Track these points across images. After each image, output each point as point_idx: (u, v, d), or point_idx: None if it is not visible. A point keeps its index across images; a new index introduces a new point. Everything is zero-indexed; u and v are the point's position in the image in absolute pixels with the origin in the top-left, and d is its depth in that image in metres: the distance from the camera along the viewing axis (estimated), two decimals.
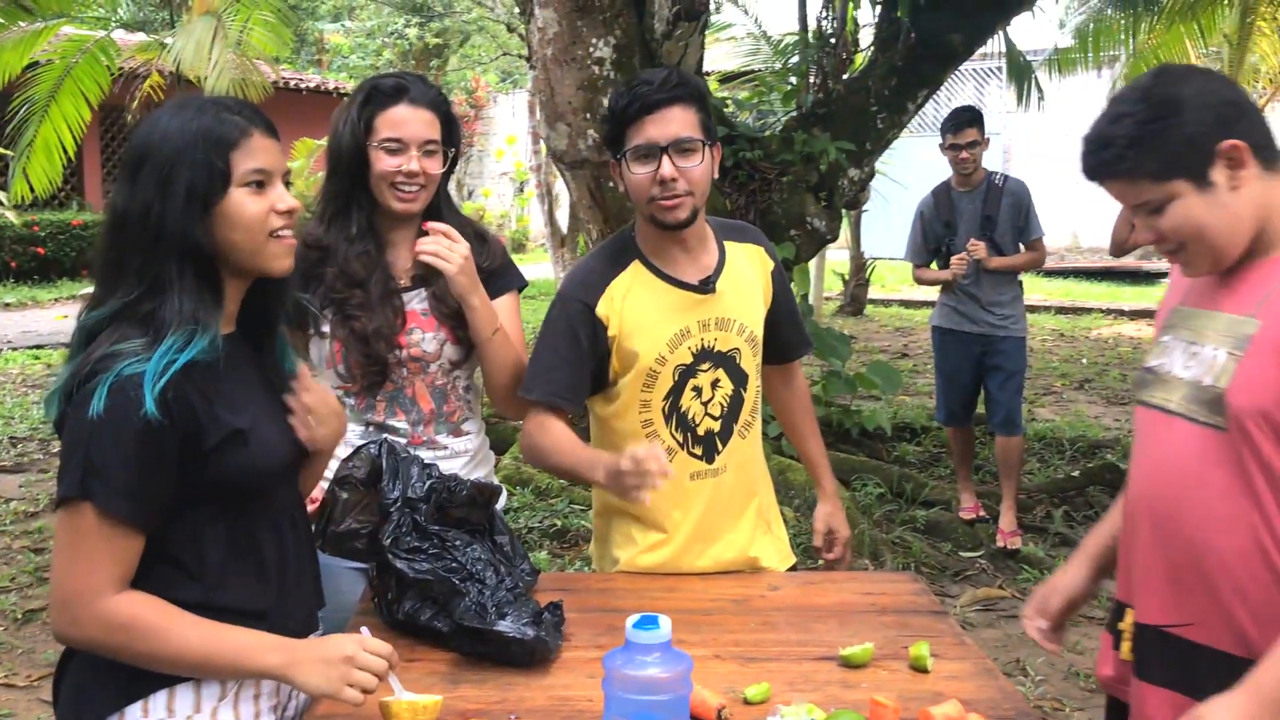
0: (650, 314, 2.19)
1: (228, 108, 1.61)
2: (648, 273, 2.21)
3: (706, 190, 2.15)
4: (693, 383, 2.23)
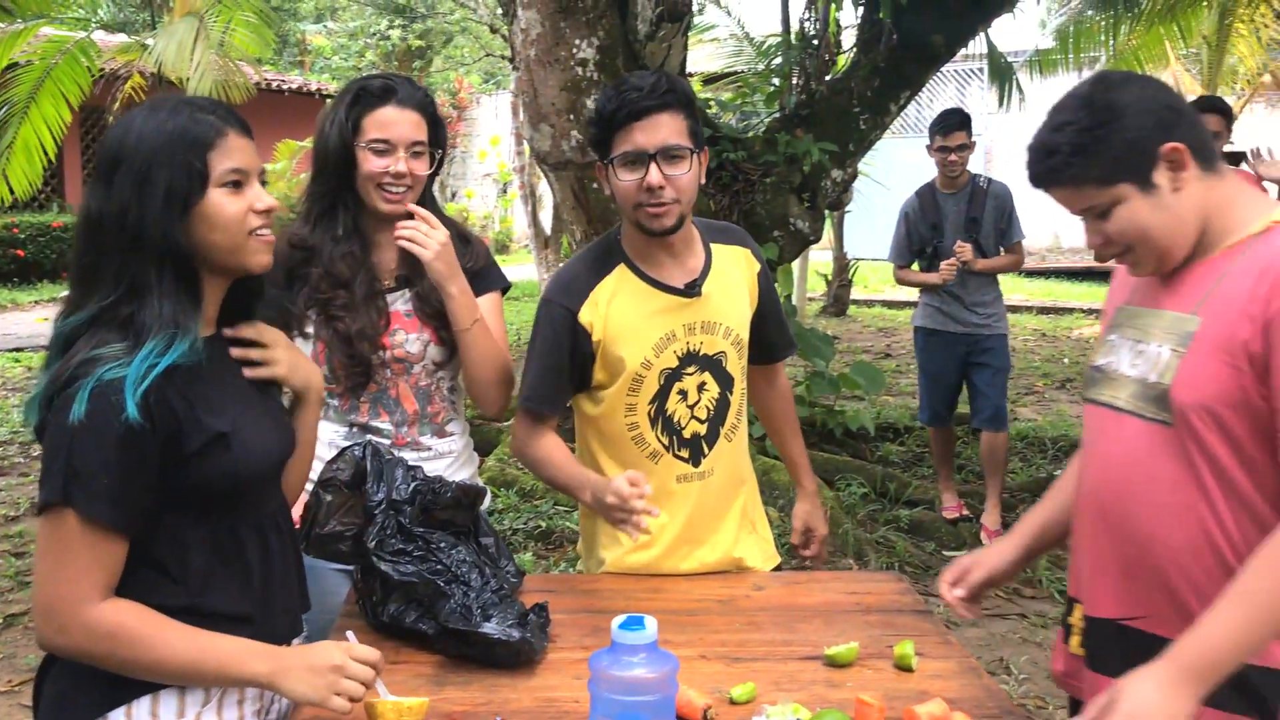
0: (635, 318, 2.19)
1: (202, 108, 1.60)
2: (633, 276, 2.21)
3: (693, 197, 2.15)
4: (679, 386, 2.23)
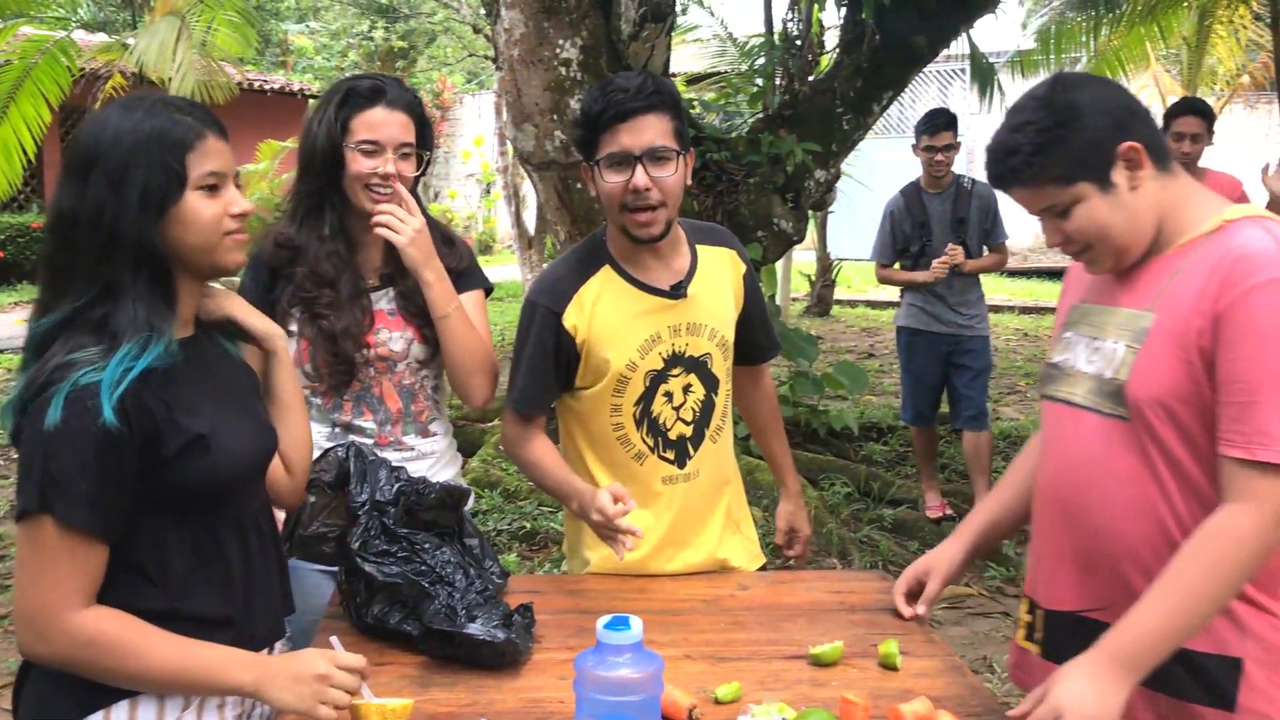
0: (620, 320, 2.18)
1: (180, 109, 1.59)
2: (618, 278, 2.20)
3: (679, 199, 2.14)
4: (664, 388, 2.22)
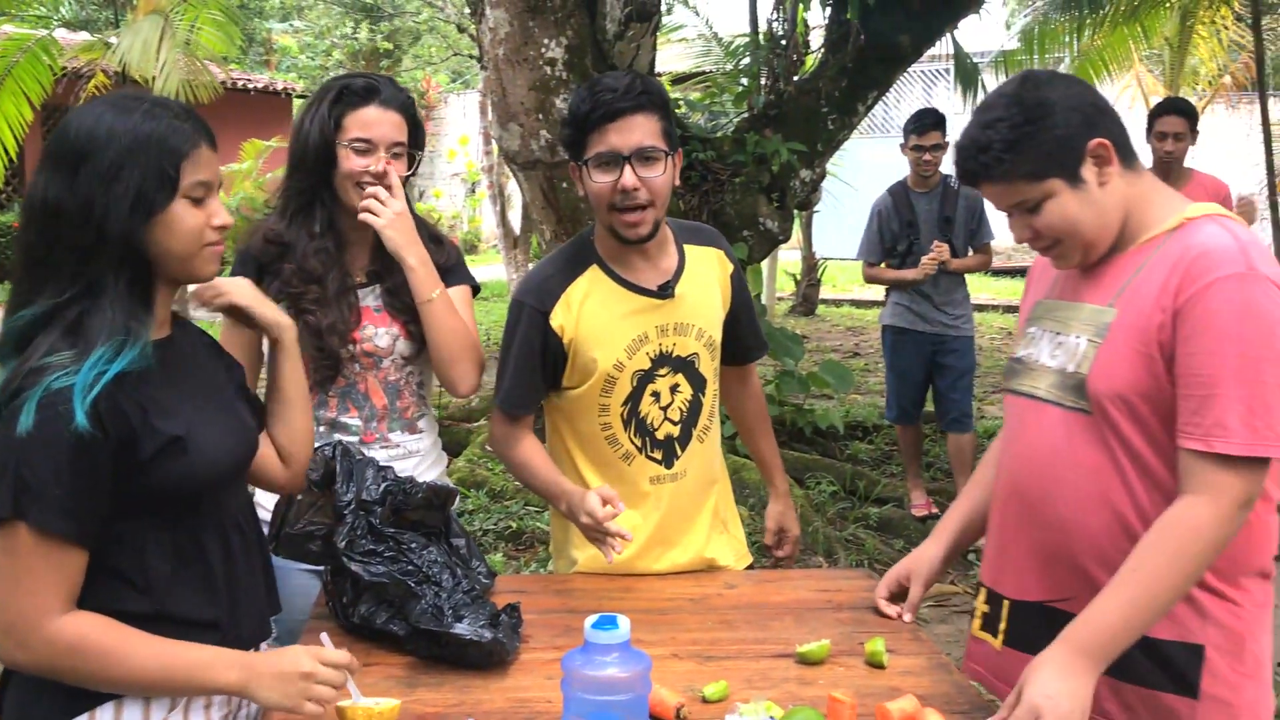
0: (608, 320, 2.18)
1: (177, 114, 1.58)
2: (606, 277, 2.20)
3: (667, 199, 2.14)
4: (651, 388, 2.22)
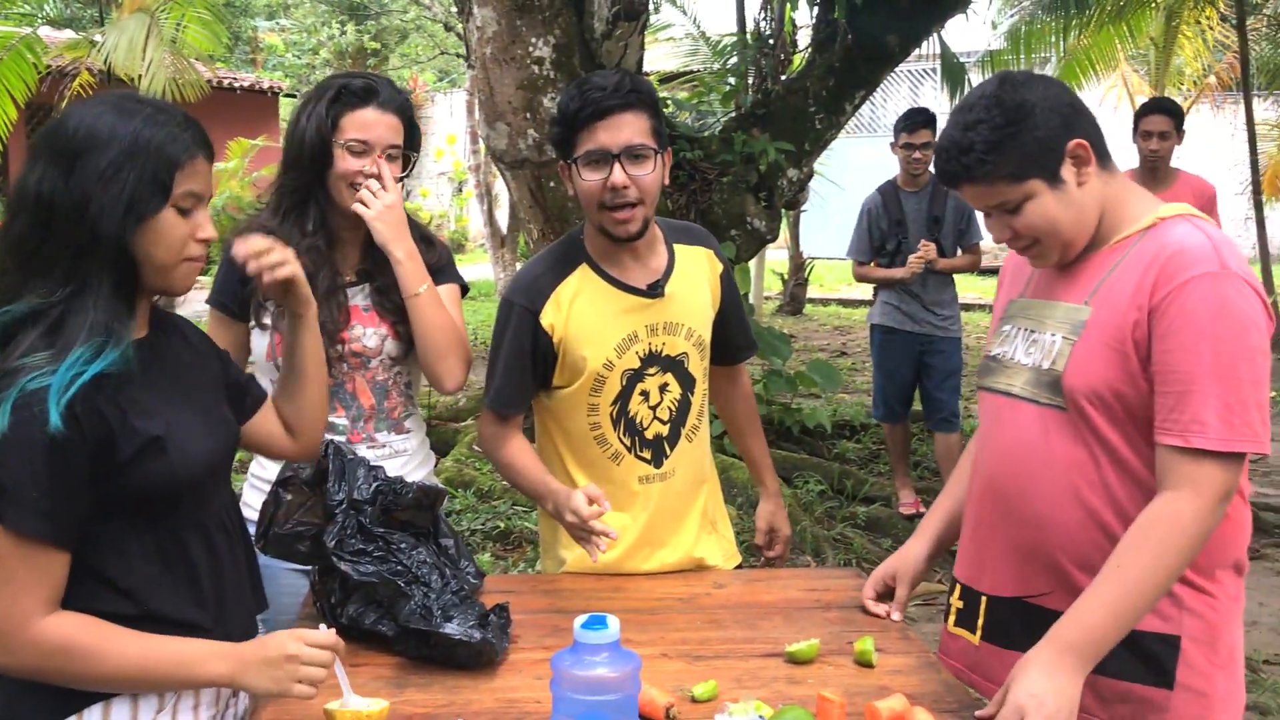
0: (598, 318, 2.18)
1: (178, 123, 1.57)
2: (595, 276, 2.20)
3: (657, 198, 2.14)
4: (640, 387, 2.22)
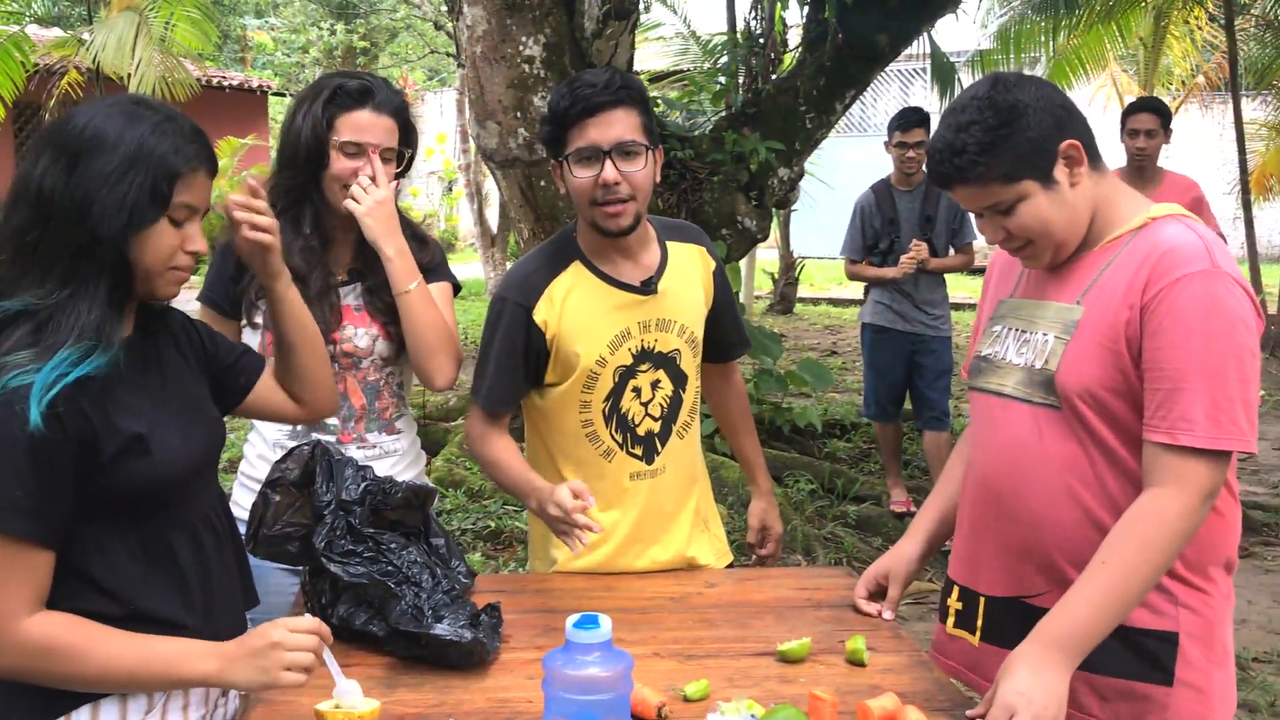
0: (590, 315, 2.18)
1: (186, 136, 1.56)
2: (588, 273, 2.20)
3: (649, 194, 2.14)
4: (633, 384, 2.22)
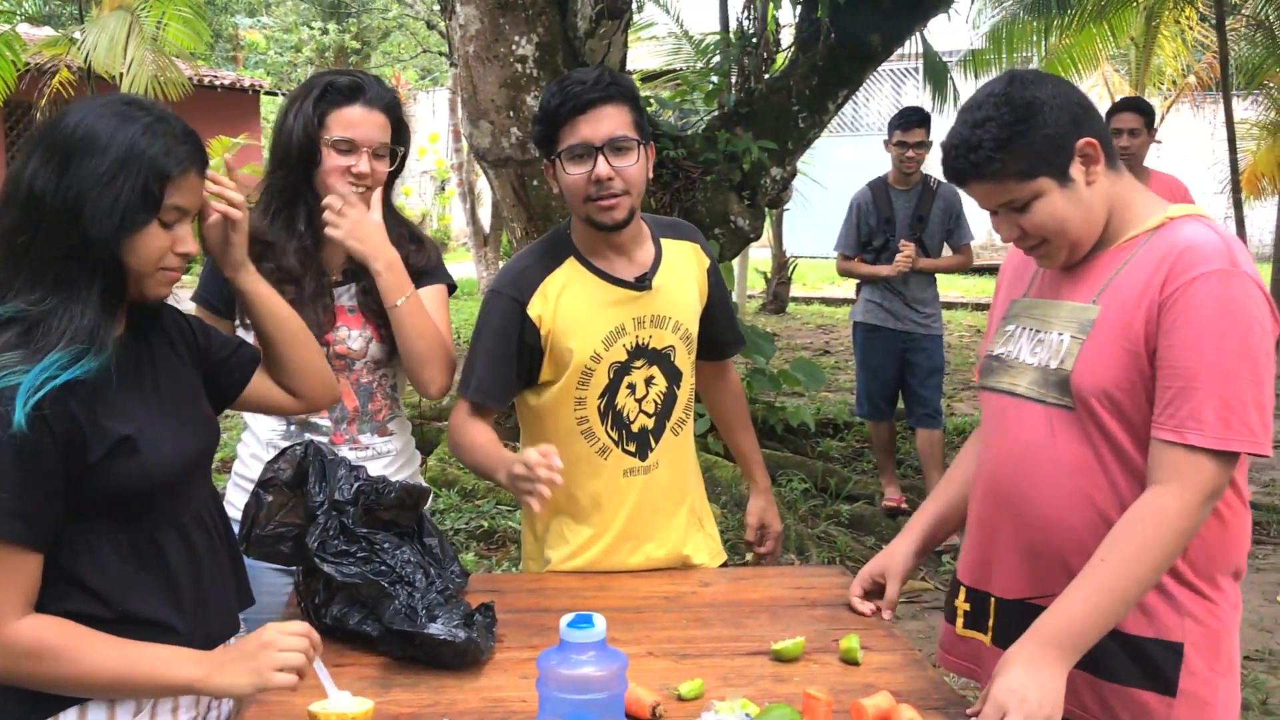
0: (585, 311, 2.18)
1: (177, 136, 1.56)
2: (583, 269, 2.20)
3: (643, 189, 2.14)
4: (627, 380, 2.22)
